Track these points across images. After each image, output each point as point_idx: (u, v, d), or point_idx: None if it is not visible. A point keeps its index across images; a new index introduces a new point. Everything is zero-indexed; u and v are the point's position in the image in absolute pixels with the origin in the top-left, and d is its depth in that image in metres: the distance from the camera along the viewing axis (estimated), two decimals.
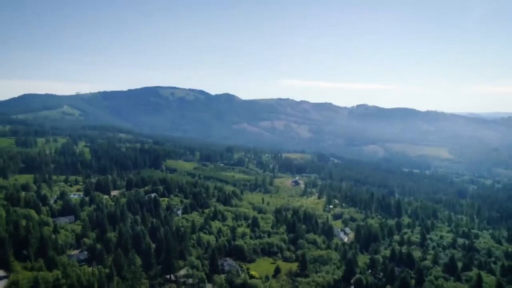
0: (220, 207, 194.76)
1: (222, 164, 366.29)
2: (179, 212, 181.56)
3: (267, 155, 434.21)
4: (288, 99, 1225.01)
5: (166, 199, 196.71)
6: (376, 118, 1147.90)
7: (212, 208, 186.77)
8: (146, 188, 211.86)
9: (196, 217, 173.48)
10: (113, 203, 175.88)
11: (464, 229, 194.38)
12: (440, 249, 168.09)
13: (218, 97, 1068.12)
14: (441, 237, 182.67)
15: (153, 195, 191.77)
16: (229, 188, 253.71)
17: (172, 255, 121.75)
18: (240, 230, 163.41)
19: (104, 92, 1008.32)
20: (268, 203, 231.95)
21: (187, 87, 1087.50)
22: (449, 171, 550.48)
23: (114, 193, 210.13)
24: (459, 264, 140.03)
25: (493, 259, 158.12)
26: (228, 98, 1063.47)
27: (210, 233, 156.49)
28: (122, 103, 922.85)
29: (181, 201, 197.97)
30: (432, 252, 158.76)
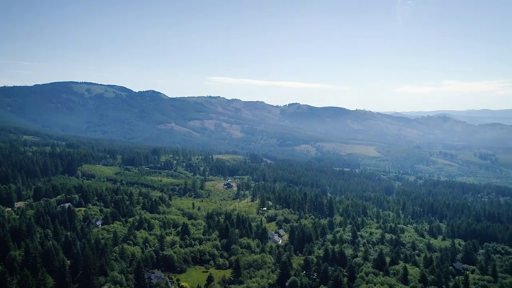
0: (146, 215, 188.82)
1: (148, 168, 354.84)
2: (99, 222, 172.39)
3: (197, 157, 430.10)
4: (218, 97, 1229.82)
5: (83, 209, 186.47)
6: (308, 117, 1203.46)
7: (137, 217, 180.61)
8: (59, 197, 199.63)
9: (119, 227, 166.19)
10: (18, 216, 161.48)
11: (391, 224, 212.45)
12: (370, 245, 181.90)
13: (142, 94, 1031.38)
14: (371, 233, 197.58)
15: (67, 205, 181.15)
16: (155, 194, 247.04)
17: (90, 271, 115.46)
18: (168, 238, 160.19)
19: (4, 87, 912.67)
20: (199, 208, 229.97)
21: (106, 83, 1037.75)
22: (377, 169, 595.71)
23: (19, 204, 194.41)
24: (387, 259, 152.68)
25: (417, 251, 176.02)
26: (153, 96, 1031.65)
27: (135, 244, 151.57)
28: (27, 101, 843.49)
29: (101, 211, 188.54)
30: (362, 249, 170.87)
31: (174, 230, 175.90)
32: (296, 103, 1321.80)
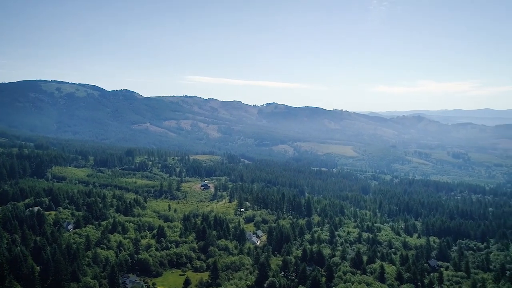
0: (120, 217, 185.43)
1: (122, 170, 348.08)
2: (70, 226, 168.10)
3: (173, 157, 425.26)
4: (195, 96, 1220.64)
5: (53, 212, 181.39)
6: (285, 117, 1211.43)
7: (111, 220, 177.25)
8: (27, 201, 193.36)
9: (91, 231, 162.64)
10: None
11: (368, 223, 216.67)
12: (348, 244, 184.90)
13: (115, 93, 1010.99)
14: (348, 233, 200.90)
15: (36, 209, 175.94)
16: (130, 196, 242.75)
17: (62, 277, 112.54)
18: (144, 242, 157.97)
19: None
20: (175, 210, 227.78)
21: (77, 82, 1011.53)
22: (353, 168, 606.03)
23: None
24: (365, 258, 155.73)
25: (393, 250, 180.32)
26: (127, 95, 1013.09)
27: (109, 248, 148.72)
28: None
29: (72, 214, 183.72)
30: (340, 248, 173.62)
31: (150, 233, 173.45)
32: (273, 102, 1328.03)
